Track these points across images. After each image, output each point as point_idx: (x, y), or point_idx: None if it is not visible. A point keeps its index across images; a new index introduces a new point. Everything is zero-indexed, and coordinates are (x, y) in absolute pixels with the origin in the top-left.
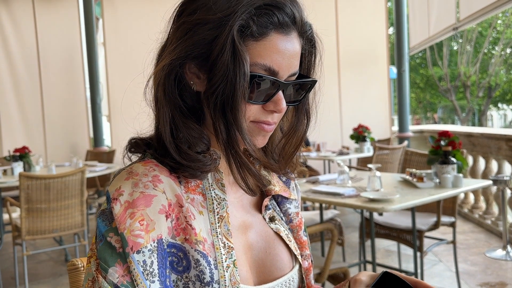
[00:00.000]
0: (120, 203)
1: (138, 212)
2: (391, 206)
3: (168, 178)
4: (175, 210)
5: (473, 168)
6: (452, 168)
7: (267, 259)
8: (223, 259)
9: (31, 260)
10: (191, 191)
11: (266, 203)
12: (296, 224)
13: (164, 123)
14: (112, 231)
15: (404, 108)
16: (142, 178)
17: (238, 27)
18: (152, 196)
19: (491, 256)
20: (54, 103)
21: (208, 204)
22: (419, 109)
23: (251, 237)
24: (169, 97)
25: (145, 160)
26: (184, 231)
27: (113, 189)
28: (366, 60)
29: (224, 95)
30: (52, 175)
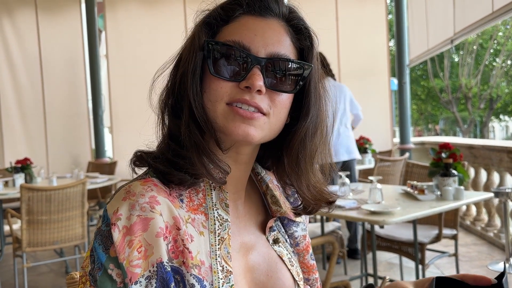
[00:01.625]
0: (119, 229)
1: (136, 239)
2: (392, 218)
3: (166, 199)
4: (172, 233)
5: (474, 180)
6: (453, 181)
7: (269, 283)
8: (220, 283)
9: (32, 272)
10: (192, 210)
11: (271, 224)
12: (303, 248)
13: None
14: (112, 262)
15: (405, 119)
16: (139, 199)
17: (205, 22)
18: (149, 220)
19: (493, 269)
20: (56, 114)
21: (210, 225)
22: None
23: (253, 259)
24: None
25: (145, 178)
26: (182, 254)
27: (111, 211)
28: (367, 72)
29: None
30: (53, 187)
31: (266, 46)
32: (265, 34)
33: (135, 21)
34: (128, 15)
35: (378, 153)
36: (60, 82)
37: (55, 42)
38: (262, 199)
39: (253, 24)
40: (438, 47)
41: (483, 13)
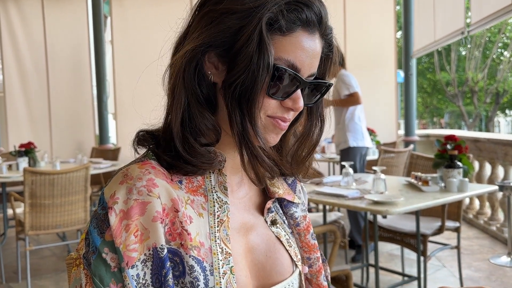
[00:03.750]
0: (116, 213)
1: (133, 224)
2: (395, 209)
3: (164, 181)
4: (170, 215)
5: (479, 173)
6: (458, 172)
7: (267, 263)
8: (219, 265)
9: (34, 255)
10: (192, 192)
11: (269, 205)
12: (304, 227)
13: (177, 111)
14: (107, 246)
15: (411, 112)
16: (136, 182)
17: (267, 19)
18: (146, 203)
19: (495, 263)
20: (61, 100)
21: (209, 207)
22: (425, 113)
23: (252, 239)
24: (188, 84)
25: (143, 161)
26: (180, 236)
27: (108, 195)
28: (374, 64)
29: (243, 86)
30: (57, 171)
31: (310, 68)
32: (314, 57)
33: (140, 7)
34: (134, 1)
35: (383, 145)
36: (65, 68)
37: (60, 28)
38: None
39: (306, 43)
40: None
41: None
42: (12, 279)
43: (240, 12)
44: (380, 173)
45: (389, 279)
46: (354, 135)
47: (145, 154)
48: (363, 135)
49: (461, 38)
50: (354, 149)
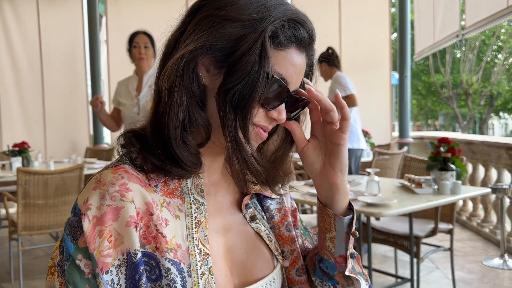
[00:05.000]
0: (89, 219)
1: (106, 229)
2: (389, 211)
3: (138, 185)
4: (144, 218)
5: (472, 175)
6: (451, 175)
7: (248, 261)
8: (197, 266)
9: (27, 256)
10: (168, 194)
11: (247, 201)
12: (278, 220)
13: (176, 111)
14: (80, 253)
15: (405, 114)
16: (109, 188)
17: (270, 32)
18: (119, 209)
19: (488, 265)
20: (55, 99)
21: (186, 208)
22: (420, 115)
23: (231, 239)
24: (187, 84)
25: (116, 166)
26: (155, 239)
27: (81, 201)
28: (369, 65)
29: (241, 93)
30: (50, 171)
31: (296, 83)
32: (300, 73)
33: (136, 6)
34: (129, 0)
35: (377, 146)
36: (59, 67)
37: (55, 27)
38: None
39: (297, 60)
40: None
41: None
42: (4, 279)
43: (243, 22)
44: (374, 175)
45: (382, 281)
46: (350, 137)
47: (119, 158)
48: (358, 137)
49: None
50: (349, 151)
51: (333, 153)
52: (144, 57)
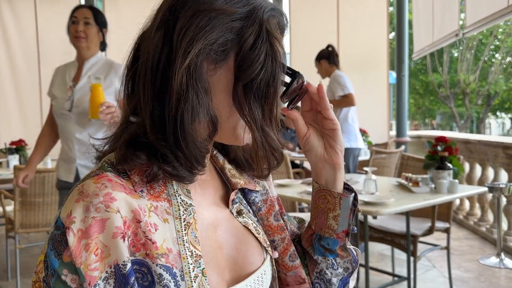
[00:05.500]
0: (73, 233)
1: (93, 242)
2: (386, 209)
3: (122, 193)
4: (131, 226)
5: (469, 174)
6: (448, 174)
7: (239, 256)
8: (190, 269)
9: (24, 254)
10: (154, 198)
11: (233, 197)
12: (265, 211)
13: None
14: (66, 268)
15: (403, 113)
16: (93, 199)
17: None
18: (105, 220)
19: (484, 263)
20: None
21: (174, 211)
22: (417, 115)
23: (221, 235)
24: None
25: (98, 175)
26: (144, 246)
27: (65, 215)
28: (366, 64)
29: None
30: (47, 169)
31: None
32: None
33: (134, 3)
34: None
35: (374, 145)
36: (57, 64)
37: (53, 24)
38: (219, 174)
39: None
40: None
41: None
42: (1, 277)
43: (239, 13)
44: (371, 173)
45: (379, 279)
46: (348, 136)
47: (100, 165)
48: (356, 136)
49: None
50: (347, 150)
51: (331, 137)
52: (81, 36)
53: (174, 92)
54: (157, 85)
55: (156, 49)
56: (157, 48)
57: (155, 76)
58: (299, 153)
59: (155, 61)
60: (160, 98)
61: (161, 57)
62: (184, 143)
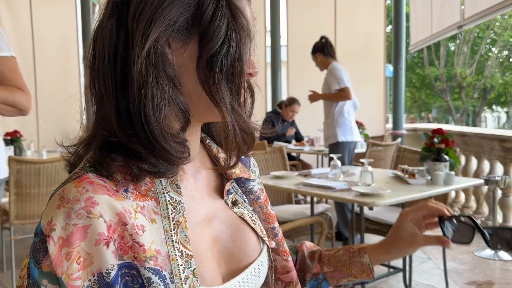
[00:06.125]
0: (54, 241)
1: (74, 251)
2: (382, 201)
3: (105, 195)
4: (117, 230)
5: (465, 167)
6: (445, 166)
7: (235, 248)
8: (180, 270)
9: (20, 245)
10: (140, 197)
11: (228, 187)
12: (264, 200)
13: (158, 104)
14: (45, 278)
15: (399, 105)
16: (74, 205)
17: None
18: (87, 227)
19: (479, 255)
20: (48, 89)
21: (162, 210)
22: (414, 108)
23: (216, 228)
24: (161, 70)
25: (80, 177)
26: (131, 249)
27: (45, 222)
28: (363, 57)
29: (230, 58)
30: (43, 160)
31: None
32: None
33: None
34: None
35: (371, 138)
36: (52, 57)
37: (48, 15)
38: (214, 163)
39: (248, 10)
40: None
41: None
42: None
43: None
44: (367, 165)
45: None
46: (343, 129)
47: (82, 166)
48: (352, 130)
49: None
50: (343, 144)
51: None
52: None
53: (134, 81)
54: (118, 76)
55: (111, 37)
56: (112, 36)
57: (113, 67)
58: (295, 145)
59: (111, 51)
60: (123, 91)
61: (118, 45)
62: (154, 136)
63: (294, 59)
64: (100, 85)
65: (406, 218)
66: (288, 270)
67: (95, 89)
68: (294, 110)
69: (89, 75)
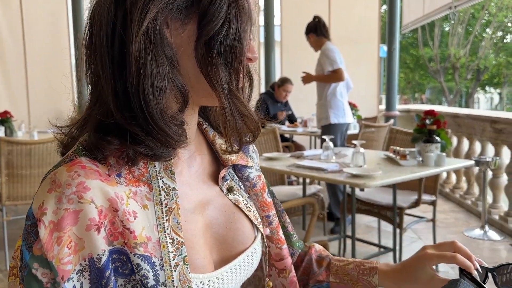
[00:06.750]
0: (45, 225)
1: (65, 235)
2: (373, 182)
3: (97, 180)
4: (108, 215)
5: (457, 148)
6: (436, 147)
7: (228, 235)
8: (170, 257)
9: (12, 226)
10: (133, 182)
11: (223, 174)
12: (260, 187)
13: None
14: (36, 261)
15: (393, 86)
16: (65, 190)
17: None
18: (78, 212)
19: (469, 235)
20: (38, 68)
21: (155, 196)
22: (407, 89)
23: (210, 214)
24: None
25: (72, 160)
26: (122, 235)
27: (37, 205)
28: (357, 37)
29: (229, 40)
30: (34, 141)
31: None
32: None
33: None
34: None
35: (363, 119)
36: (42, 35)
37: None
38: (211, 149)
39: None
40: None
41: None
42: None
43: None
44: (359, 147)
45: (365, 250)
46: (336, 111)
47: (75, 149)
48: (344, 112)
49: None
50: (335, 126)
51: None
52: None
53: (133, 61)
54: (116, 56)
55: (109, 15)
56: (110, 14)
57: (111, 46)
58: (288, 127)
59: (109, 28)
60: (120, 71)
61: (116, 23)
62: (152, 118)
63: (288, 39)
64: (97, 64)
65: (429, 262)
66: (282, 257)
67: (91, 69)
68: (287, 90)
69: (85, 54)
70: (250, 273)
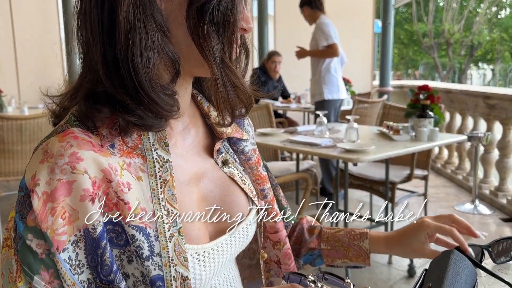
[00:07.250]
0: (38, 196)
1: (59, 206)
2: (366, 157)
3: (90, 151)
4: (102, 186)
5: (449, 124)
6: (429, 122)
7: (223, 207)
8: (165, 228)
9: (5, 201)
10: (127, 154)
11: (218, 146)
12: (255, 161)
13: (147, 51)
14: (30, 232)
15: (386, 62)
16: (58, 160)
17: None
18: (71, 182)
19: (459, 210)
20: (27, 43)
21: (149, 168)
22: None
23: (205, 187)
24: (149, 16)
25: (64, 131)
26: (116, 206)
27: (29, 176)
28: (352, 12)
29: (222, 7)
30: (25, 116)
31: None
32: None
33: None
34: None
35: (357, 95)
36: (30, 9)
37: None
38: (206, 121)
39: None
40: None
41: None
42: None
43: None
44: (353, 122)
45: (357, 224)
46: (330, 87)
47: (67, 119)
48: (338, 88)
49: None
50: (329, 102)
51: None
52: None
53: (121, 26)
54: (105, 21)
55: None
56: None
57: (101, 12)
58: (282, 103)
59: None
60: (110, 37)
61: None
62: (141, 86)
63: (282, 13)
64: (87, 30)
65: (425, 230)
66: (277, 230)
67: (82, 37)
68: (275, 60)
69: (76, 22)
70: (245, 245)
